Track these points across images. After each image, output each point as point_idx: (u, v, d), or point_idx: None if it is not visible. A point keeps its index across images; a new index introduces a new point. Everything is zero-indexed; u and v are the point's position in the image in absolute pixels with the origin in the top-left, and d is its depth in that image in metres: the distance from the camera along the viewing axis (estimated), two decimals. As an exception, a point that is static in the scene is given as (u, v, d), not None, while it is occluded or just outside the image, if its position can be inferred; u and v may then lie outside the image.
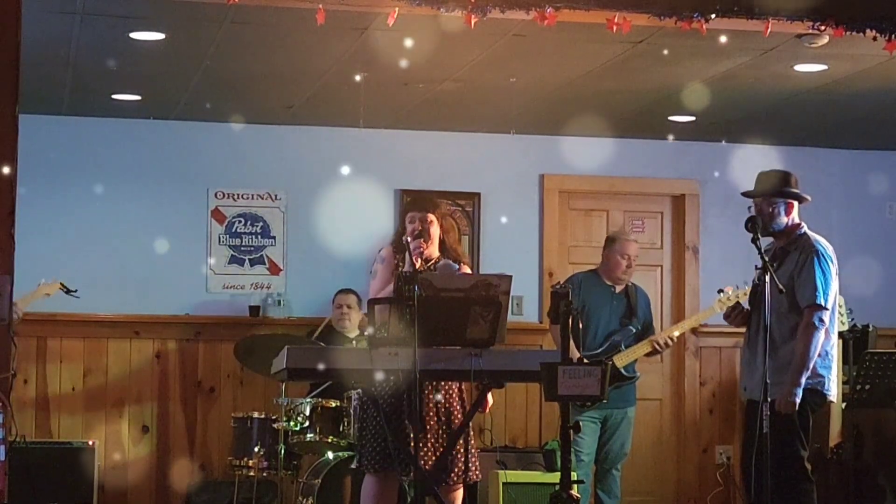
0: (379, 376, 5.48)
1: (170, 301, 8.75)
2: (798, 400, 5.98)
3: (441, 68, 7.34)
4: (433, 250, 6.16)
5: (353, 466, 6.40)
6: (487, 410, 6.20)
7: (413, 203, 6.38)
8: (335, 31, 6.41)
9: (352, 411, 7.44)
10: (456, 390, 6.09)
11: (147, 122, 8.88)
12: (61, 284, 7.91)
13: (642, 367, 8.10)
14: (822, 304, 6.03)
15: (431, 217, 6.18)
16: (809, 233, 6.26)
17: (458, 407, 6.07)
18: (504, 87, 7.78)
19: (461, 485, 6.04)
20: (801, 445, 6.08)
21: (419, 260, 5.98)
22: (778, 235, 6.28)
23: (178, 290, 8.81)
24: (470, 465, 6.03)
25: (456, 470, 5.97)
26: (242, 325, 8.81)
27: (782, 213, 6.23)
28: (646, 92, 7.95)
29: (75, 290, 7.97)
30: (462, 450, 6.00)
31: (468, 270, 6.24)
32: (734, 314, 6.39)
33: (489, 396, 5.94)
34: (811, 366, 6.02)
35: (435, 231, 6.17)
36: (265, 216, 9.08)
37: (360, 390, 6.29)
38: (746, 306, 6.39)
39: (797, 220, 6.28)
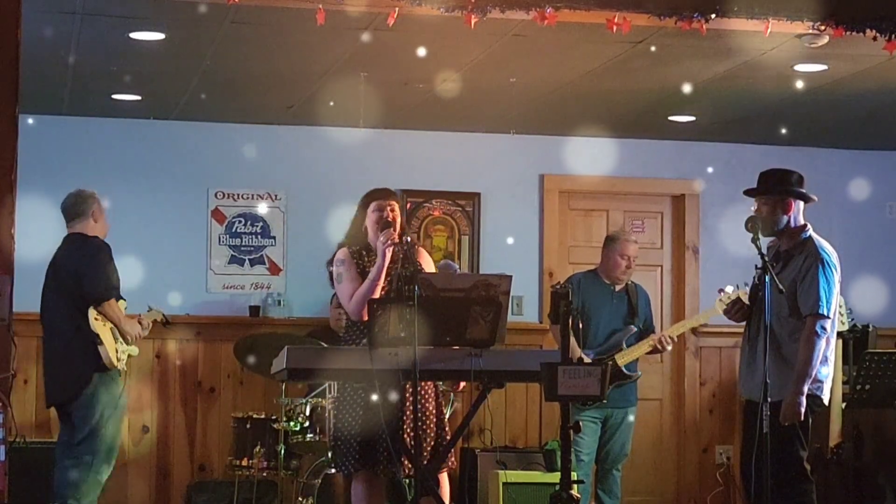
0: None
1: (170, 301, 8.74)
2: (802, 409, 5.98)
3: (441, 68, 7.34)
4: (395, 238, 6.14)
5: (330, 471, 6.37)
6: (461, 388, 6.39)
7: (375, 193, 6.27)
8: (335, 31, 6.40)
9: (326, 416, 7.41)
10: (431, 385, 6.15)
11: (147, 122, 8.88)
12: (163, 315, 7.51)
13: (642, 367, 8.10)
14: (825, 313, 5.99)
15: (395, 205, 6.17)
16: (815, 236, 6.19)
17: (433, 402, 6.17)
18: (504, 87, 7.78)
19: (445, 470, 6.10)
20: (801, 446, 6.06)
21: (391, 250, 5.94)
22: (779, 235, 6.24)
23: (178, 290, 8.80)
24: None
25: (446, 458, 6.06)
26: (242, 325, 8.80)
27: (779, 211, 6.19)
28: (646, 92, 7.95)
29: (168, 323, 7.68)
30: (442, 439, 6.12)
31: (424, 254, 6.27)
32: (734, 309, 6.35)
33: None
34: (813, 373, 6.02)
35: (398, 220, 6.15)
36: (265, 216, 9.08)
37: (333, 394, 6.23)
38: (747, 302, 6.37)
39: (801, 221, 6.21)
